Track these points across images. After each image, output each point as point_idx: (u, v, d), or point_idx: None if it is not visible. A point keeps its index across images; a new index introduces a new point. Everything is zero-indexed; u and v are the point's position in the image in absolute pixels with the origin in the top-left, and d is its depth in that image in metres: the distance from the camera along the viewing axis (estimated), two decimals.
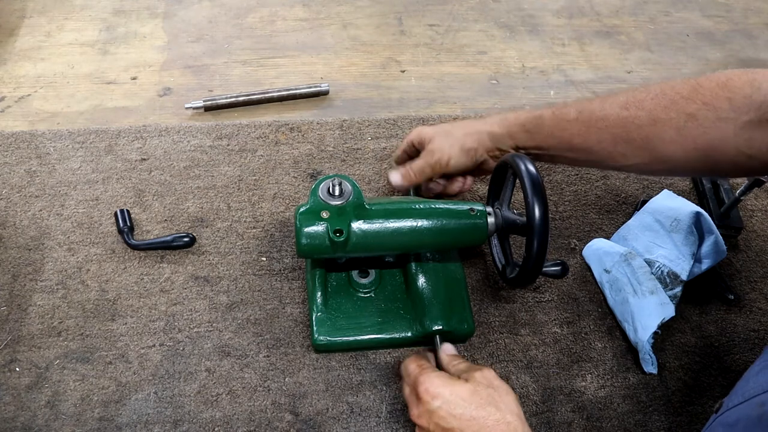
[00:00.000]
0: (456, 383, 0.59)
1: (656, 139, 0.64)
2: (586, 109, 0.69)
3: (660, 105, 0.64)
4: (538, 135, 0.72)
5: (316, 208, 0.66)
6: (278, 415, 0.70)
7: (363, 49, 1.16)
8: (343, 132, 0.99)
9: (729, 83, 0.60)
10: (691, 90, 0.62)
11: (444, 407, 0.57)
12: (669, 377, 0.75)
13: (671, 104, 0.63)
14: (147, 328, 0.76)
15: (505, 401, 0.57)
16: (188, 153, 0.94)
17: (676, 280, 0.77)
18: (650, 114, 0.64)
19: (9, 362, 0.72)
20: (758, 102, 0.58)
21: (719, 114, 0.60)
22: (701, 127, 0.61)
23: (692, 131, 0.62)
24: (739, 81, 0.60)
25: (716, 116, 0.60)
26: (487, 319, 0.79)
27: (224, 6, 1.22)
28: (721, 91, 0.60)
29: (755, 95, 0.58)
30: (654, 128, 0.64)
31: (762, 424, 0.48)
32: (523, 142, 0.73)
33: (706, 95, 0.61)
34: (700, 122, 0.61)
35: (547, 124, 0.71)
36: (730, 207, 0.87)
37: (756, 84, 0.59)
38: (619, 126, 0.66)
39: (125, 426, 0.68)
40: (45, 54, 1.10)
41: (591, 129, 0.68)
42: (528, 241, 0.62)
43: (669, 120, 0.63)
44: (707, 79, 0.62)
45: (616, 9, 1.29)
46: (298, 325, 0.77)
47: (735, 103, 0.59)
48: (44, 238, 0.83)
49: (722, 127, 0.60)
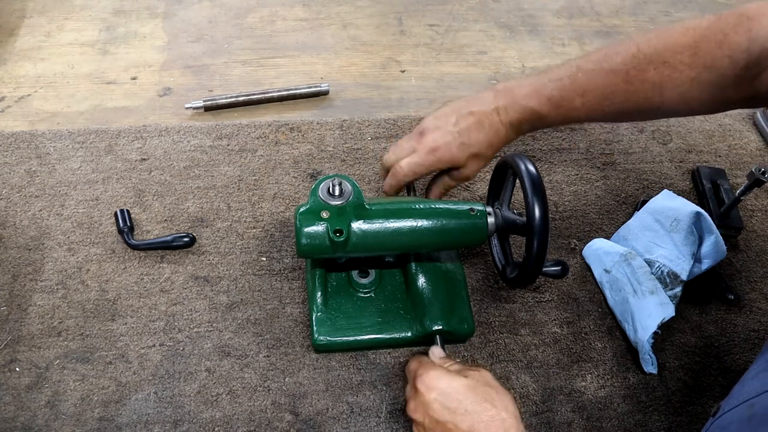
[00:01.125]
0: (454, 377, 0.59)
1: (662, 105, 0.67)
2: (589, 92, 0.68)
3: (663, 74, 0.64)
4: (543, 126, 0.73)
5: (316, 208, 0.66)
6: (278, 415, 0.70)
7: (363, 49, 1.16)
8: (343, 132, 0.99)
9: (726, 40, 0.61)
10: (692, 54, 0.63)
11: (439, 400, 0.57)
12: (669, 377, 0.75)
13: (674, 72, 0.64)
14: (147, 328, 0.76)
15: (502, 399, 0.57)
16: (188, 153, 0.94)
17: (676, 280, 0.77)
18: (654, 85, 0.65)
19: (9, 362, 0.72)
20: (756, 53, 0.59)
21: (721, 72, 0.62)
22: (704, 87, 0.63)
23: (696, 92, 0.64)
24: (736, 35, 0.60)
25: (719, 74, 0.62)
26: (487, 319, 0.79)
27: (224, 6, 1.22)
28: (720, 50, 0.61)
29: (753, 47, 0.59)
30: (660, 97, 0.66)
31: (751, 424, 0.49)
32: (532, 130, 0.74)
33: (707, 59, 0.62)
34: (703, 84, 0.63)
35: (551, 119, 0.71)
36: (730, 207, 0.87)
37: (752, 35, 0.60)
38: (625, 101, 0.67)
39: (125, 426, 0.68)
40: (45, 54, 1.10)
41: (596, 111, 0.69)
42: (528, 241, 0.62)
43: (674, 88, 0.64)
44: (703, 36, 0.62)
45: (616, 9, 1.29)
46: (298, 325, 0.77)
47: (735, 59, 0.61)
48: (44, 238, 0.83)
49: (725, 81, 0.62)
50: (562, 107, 0.69)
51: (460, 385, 0.58)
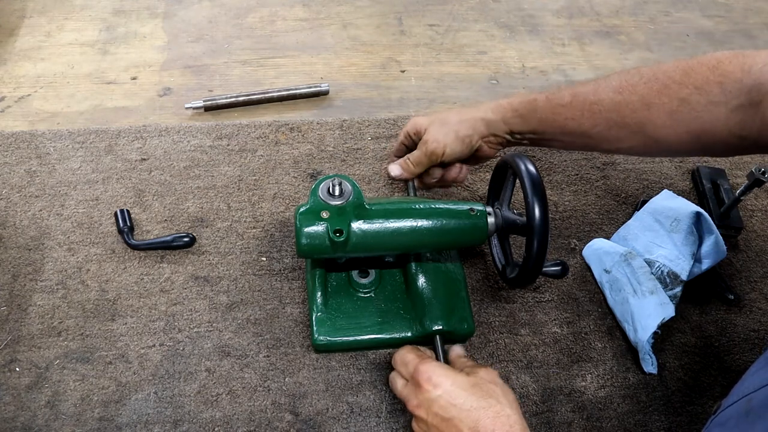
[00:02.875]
0: (458, 374, 0.59)
1: (649, 124, 0.65)
2: (580, 93, 0.69)
3: (653, 90, 0.64)
4: (531, 119, 0.72)
5: (316, 208, 0.66)
6: (278, 415, 0.70)
7: (363, 49, 1.16)
8: (343, 132, 0.99)
9: (720, 66, 0.61)
10: (683, 74, 0.63)
11: (445, 396, 0.57)
12: (669, 377, 0.75)
13: (663, 89, 0.64)
14: (147, 328, 0.76)
15: (507, 396, 0.58)
16: (188, 153, 0.94)
17: (676, 280, 0.77)
18: (643, 98, 0.65)
19: (9, 362, 0.72)
20: (748, 86, 0.59)
21: (711, 98, 0.61)
22: (693, 112, 0.62)
23: (685, 115, 0.63)
24: (729, 65, 0.60)
25: (708, 100, 0.61)
26: (487, 319, 0.79)
27: (224, 6, 1.22)
28: (712, 75, 0.61)
29: (746, 79, 0.59)
30: (647, 113, 0.65)
31: (749, 418, 0.49)
32: (518, 127, 0.74)
33: (698, 79, 0.62)
34: (693, 106, 0.62)
35: (541, 108, 0.72)
36: (730, 207, 0.87)
37: (746, 67, 0.59)
38: (613, 110, 0.67)
39: (125, 426, 0.68)
40: (45, 54, 1.10)
41: (585, 113, 0.69)
42: (528, 241, 0.62)
43: (662, 105, 0.64)
44: (698, 62, 0.63)
45: (616, 9, 1.29)
46: (298, 325, 0.77)
47: (726, 87, 0.60)
48: (44, 238, 0.83)
49: (714, 110, 0.61)
50: (551, 101, 0.70)
51: (466, 382, 0.58)
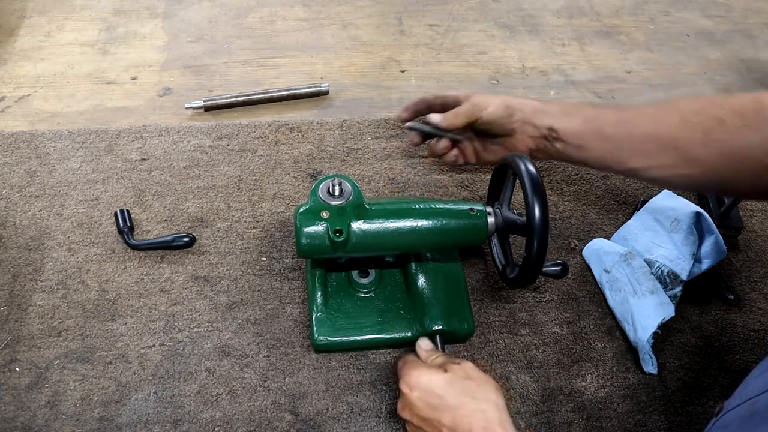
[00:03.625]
0: (433, 374, 0.60)
1: (683, 140, 0.66)
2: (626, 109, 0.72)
3: (692, 108, 0.66)
4: (575, 117, 0.74)
5: (316, 208, 0.66)
6: (278, 415, 0.70)
7: (363, 49, 1.16)
8: (343, 132, 0.99)
9: (760, 98, 0.62)
10: (724, 99, 0.65)
11: (422, 398, 0.59)
12: (669, 377, 0.75)
13: (702, 108, 0.66)
14: (147, 328, 0.76)
15: (483, 390, 0.58)
16: (188, 153, 0.94)
17: (676, 280, 0.77)
18: (681, 115, 0.67)
19: (9, 362, 0.72)
20: None
21: (746, 122, 0.62)
22: (728, 132, 0.63)
23: (719, 135, 0.64)
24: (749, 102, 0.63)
25: (743, 123, 0.62)
26: (487, 319, 0.79)
27: (224, 6, 1.22)
28: (750, 102, 0.62)
29: None
30: (683, 130, 0.66)
31: (753, 421, 0.49)
32: (559, 123, 0.75)
33: (736, 104, 0.63)
34: (728, 127, 0.63)
35: (587, 109, 0.75)
36: (730, 207, 0.87)
37: None
38: (650, 122, 0.69)
39: (125, 426, 0.68)
40: (45, 54, 1.10)
41: (624, 121, 0.71)
42: (528, 241, 0.62)
43: (698, 123, 0.65)
44: (743, 94, 0.65)
45: (616, 9, 1.29)
46: (298, 325, 0.77)
47: (762, 114, 0.61)
48: (44, 238, 0.83)
49: (748, 134, 0.62)
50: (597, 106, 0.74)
51: (440, 380, 0.59)
